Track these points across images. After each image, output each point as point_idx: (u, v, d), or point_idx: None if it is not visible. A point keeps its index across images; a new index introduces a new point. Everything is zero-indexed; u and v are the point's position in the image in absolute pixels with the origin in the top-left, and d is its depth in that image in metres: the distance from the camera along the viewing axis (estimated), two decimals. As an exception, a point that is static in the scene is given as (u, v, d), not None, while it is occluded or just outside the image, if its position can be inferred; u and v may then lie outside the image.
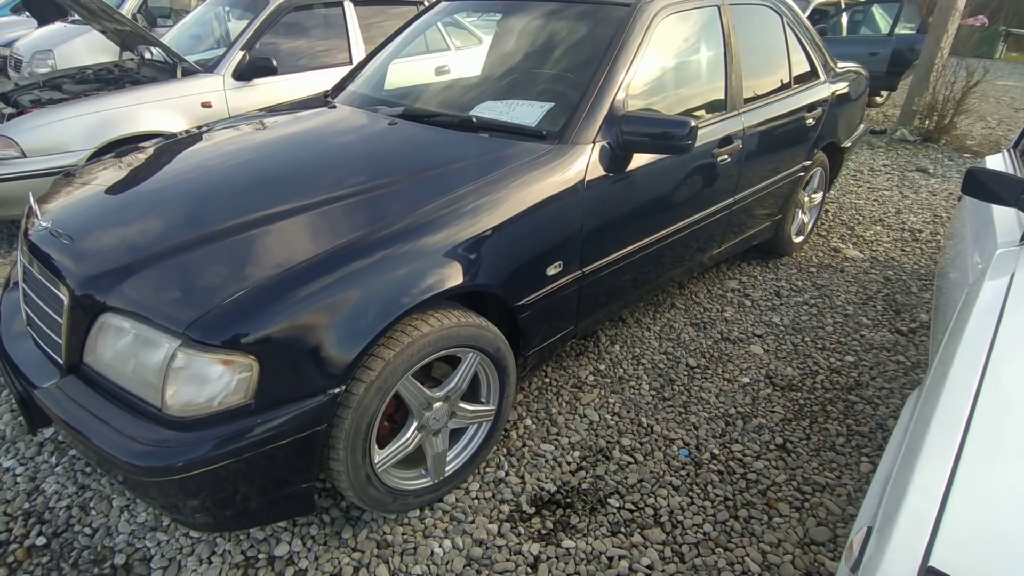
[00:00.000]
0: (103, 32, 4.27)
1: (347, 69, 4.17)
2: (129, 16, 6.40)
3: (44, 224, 1.62)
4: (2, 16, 10.25)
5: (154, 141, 2.25)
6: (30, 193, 1.86)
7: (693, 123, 1.86)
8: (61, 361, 1.43)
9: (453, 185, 1.65)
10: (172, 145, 2.11)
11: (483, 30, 4.69)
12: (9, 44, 7.28)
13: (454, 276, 1.53)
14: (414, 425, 1.61)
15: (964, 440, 0.96)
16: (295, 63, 3.96)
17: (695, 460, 1.97)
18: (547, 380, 2.35)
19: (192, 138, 2.16)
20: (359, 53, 4.23)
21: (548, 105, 2.06)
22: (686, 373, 2.42)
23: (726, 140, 2.42)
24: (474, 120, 2.00)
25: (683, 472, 1.92)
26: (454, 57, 4.61)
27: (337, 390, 1.36)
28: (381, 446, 1.58)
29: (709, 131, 2.33)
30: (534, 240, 1.74)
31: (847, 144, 3.53)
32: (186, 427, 1.23)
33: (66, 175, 2.04)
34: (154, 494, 1.27)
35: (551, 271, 1.82)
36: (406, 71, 2.96)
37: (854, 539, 0.95)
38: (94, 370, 1.37)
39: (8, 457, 1.92)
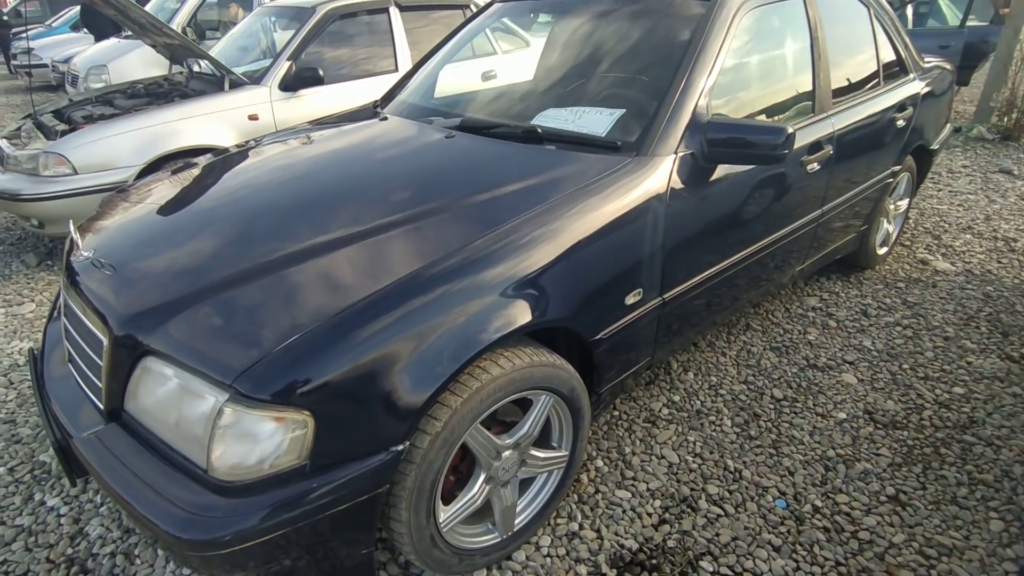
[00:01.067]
0: (153, 46, 4.28)
1: (393, 77, 4.07)
2: (179, 29, 6.51)
3: (85, 253, 1.51)
4: (62, 33, 10.67)
5: (202, 158, 2.15)
6: (71, 221, 1.76)
7: (790, 130, 1.63)
8: (101, 406, 1.31)
9: (521, 206, 1.46)
10: (219, 164, 2.00)
11: (538, 33, 4.51)
12: (67, 60, 7.51)
13: (527, 311, 1.34)
14: (482, 477, 1.43)
15: None
16: (341, 72, 3.86)
17: (795, 514, 1.73)
18: (616, 413, 2.14)
19: (240, 155, 2.04)
20: (405, 60, 4.12)
21: (618, 112, 1.86)
22: (772, 406, 2.17)
23: (815, 146, 2.16)
24: (539, 131, 1.81)
25: (782, 528, 1.68)
26: (501, 61, 4.45)
27: (400, 447, 1.19)
28: (446, 502, 1.41)
29: (798, 136, 2.08)
30: (613, 265, 1.54)
31: (935, 147, 3.21)
32: (234, 493, 1.08)
33: (113, 195, 1.95)
34: (195, 564, 1.12)
35: (630, 299, 1.62)
36: (456, 78, 2.81)
37: None
38: (135, 419, 1.24)
39: (53, 494, 1.83)
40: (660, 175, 1.64)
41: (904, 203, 3.24)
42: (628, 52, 2.09)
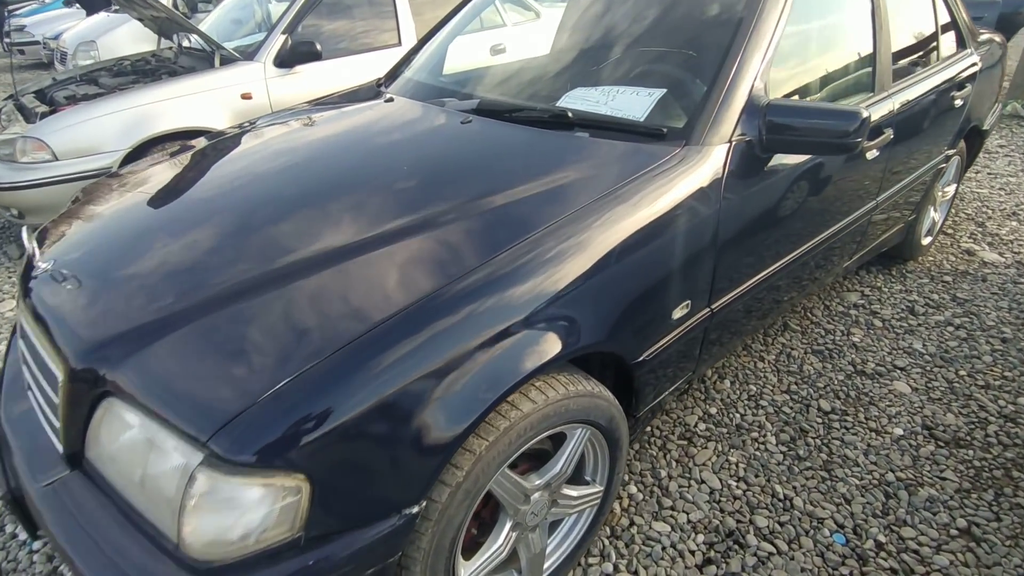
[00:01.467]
0: (140, 20, 4.01)
1: (396, 51, 3.79)
2: (168, 2, 6.19)
3: (43, 264, 1.29)
4: (55, 9, 10.28)
5: (195, 141, 1.91)
6: (23, 229, 1.54)
7: (865, 114, 1.39)
8: (61, 450, 1.10)
9: (555, 207, 1.24)
10: (208, 152, 1.77)
11: (547, 3, 4.22)
12: (57, 37, 7.20)
13: (566, 336, 1.13)
14: (508, 525, 1.23)
15: None
16: (340, 46, 3.59)
17: (856, 551, 1.53)
18: (648, 429, 1.93)
19: (230, 143, 1.81)
20: (409, 34, 3.83)
21: (658, 92, 1.62)
22: (820, 420, 1.96)
23: (875, 130, 1.92)
24: (570, 115, 1.57)
25: (844, 570, 1.49)
26: (511, 34, 4.17)
27: (416, 508, 0.99)
28: (467, 556, 1.21)
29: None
30: (661, 274, 1.32)
31: (987, 127, 2.95)
32: (212, 574, 0.88)
33: (89, 187, 1.72)
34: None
35: (678, 313, 1.40)
36: (465, 53, 2.55)
37: None
38: (97, 471, 1.04)
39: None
40: (714, 167, 1.41)
41: (951, 189, 2.99)
42: (668, 22, 1.83)
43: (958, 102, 2.45)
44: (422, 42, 2.38)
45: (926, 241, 2.94)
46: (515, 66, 2.39)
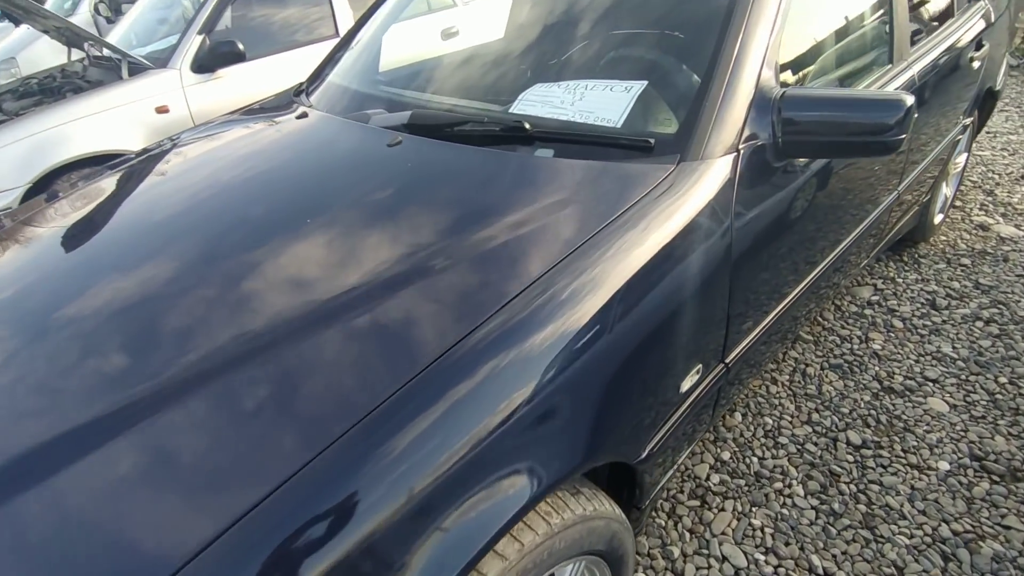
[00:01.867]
0: (45, 32, 3.53)
1: (334, 44, 3.38)
2: (91, 4, 5.63)
3: None
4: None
5: (82, 182, 1.52)
6: None
7: (909, 101, 1.07)
8: None
9: (505, 282, 0.89)
10: (104, 190, 1.38)
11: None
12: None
13: (541, 471, 0.80)
14: None
15: None
16: (268, 43, 3.16)
17: (922, 646, 1.25)
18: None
19: (131, 175, 1.42)
20: (347, 22, 3.41)
21: (637, 86, 1.27)
22: (851, 458, 1.67)
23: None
24: (527, 127, 1.21)
25: (912, 676, 1.20)
26: (463, 14, 3.76)
27: None
28: None
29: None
30: (662, 345, 0.99)
31: (999, 87, 2.64)
32: None
33: None
34: None
35: (687, 384, 1.08)
36: (407, 42, 2.17)
37: None
38: None
39: None
40: (718, 188, 1.07)
41: (962, 159, 2.69)
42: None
43: (976, 63, 2.13)
44: (352, 32, 1.99)
45: (938, 219, 2.66)
46: (463, 56, 2.01)
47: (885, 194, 1.70)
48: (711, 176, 1.06)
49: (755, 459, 1.69)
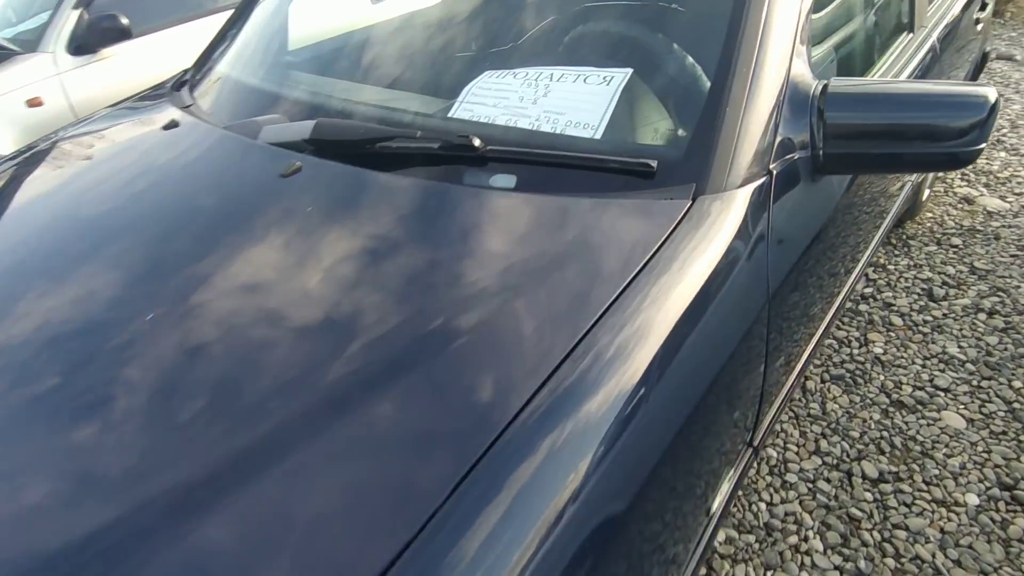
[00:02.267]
0: None
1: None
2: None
3: None
4: None
5: None
6: None
7: (993, 97, 0.79)
8: None
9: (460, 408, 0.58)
10: None
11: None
12: None
13: None
14: None
15: None
16: (159, 16, 2.65)
17: None
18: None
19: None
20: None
21: (619, 74, 0.94)
22: (870, 496, 1.46)
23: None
24: (477, 146, 0.87)
25: None
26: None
27: None
28: None
29: (900, 73, 1.24)
30: (685, 470, 0.70)
31: (990, 48, 2.44)
32: None
33: None
34: None
35: (715, 505, 0.80)
36: (324, 12, 1.76)
37: None
38: None
39: None
40: (755, 234, 0.77)
41: (949, 129, 2.49)
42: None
43: (980, 25, 1.89)
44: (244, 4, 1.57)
45: (926, 195, 2.47)
46: (391, 28, 1.61)
47: (902, 187, 1.45)
48: (736, 215, 0.75)
49: (763, 505, 1.46)
